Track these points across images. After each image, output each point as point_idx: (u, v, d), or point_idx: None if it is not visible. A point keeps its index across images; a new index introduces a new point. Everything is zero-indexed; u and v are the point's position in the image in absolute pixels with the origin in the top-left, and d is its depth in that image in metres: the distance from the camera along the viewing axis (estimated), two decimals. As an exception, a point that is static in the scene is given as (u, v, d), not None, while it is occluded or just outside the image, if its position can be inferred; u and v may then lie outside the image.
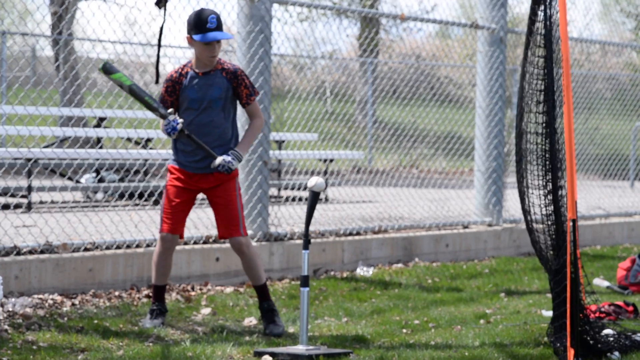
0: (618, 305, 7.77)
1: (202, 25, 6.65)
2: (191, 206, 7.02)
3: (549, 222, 6.34)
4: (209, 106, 6.79)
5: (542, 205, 6.38)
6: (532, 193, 6.59)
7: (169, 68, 22.02)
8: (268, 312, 6.95)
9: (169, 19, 11.89)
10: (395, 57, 25.72)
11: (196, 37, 6.66)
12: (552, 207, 6.29)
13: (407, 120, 19.75)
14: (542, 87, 6.36)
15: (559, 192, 6.31)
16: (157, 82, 7.00)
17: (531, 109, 6.50)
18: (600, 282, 9.42)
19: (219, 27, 6.68)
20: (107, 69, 6.63)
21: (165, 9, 7.06)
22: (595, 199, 14.91)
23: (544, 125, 6.35)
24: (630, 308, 7.76)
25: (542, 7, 6.44)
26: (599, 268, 10.56)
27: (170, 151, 7.05)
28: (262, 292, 7.00)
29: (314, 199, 6.39)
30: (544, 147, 6.35)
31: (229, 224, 6.90)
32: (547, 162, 6.32)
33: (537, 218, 6.54)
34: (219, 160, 6.69)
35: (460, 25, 12.02)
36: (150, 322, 6.92)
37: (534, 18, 6.56)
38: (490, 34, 11.51)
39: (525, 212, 6.79)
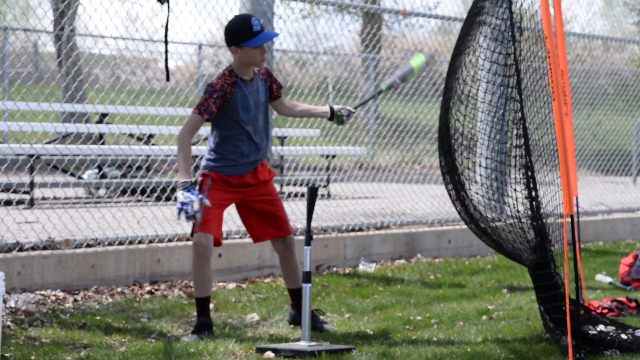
0: (620, 301, 7.77)
1: (248, 30, 6.55)
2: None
3: (527, 219, 6.34)
4: (259, 112, 6.73)
5: (522, 202, 6.40)
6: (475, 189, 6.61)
7: (170, 64, 22.02)
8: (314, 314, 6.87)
9: (170, 14, 11.87)
10: (398, 53, 25.70)
11: (247, 43, 6.55)
12: (531, 203, 6.30)
13: (410, 116, 19.73)
14: (513, 83, 6.38)
15: (537, 187, 6.31)
16: (168, 79, 6.95)
17: (466, 98, 6.56)
18: (602, 278, 9.42)
19: (263, 27, 6.67)
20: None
21: (168, 5, 7.05)
22: (597, 194, 14.90)
23: (517, 122, 6.38)
24: (633, 304, 7.75)
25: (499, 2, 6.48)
26: (601, 264, 10.55)
27: (173, 147, 7.02)
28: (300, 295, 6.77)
29: (313, 195, 6.38)
30: (517, 143, 6.37)
31: (281, 221, 6.86)
32: (524, 159, 6.33)
33: (514, 214, 6.53)
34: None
35: (463, 21, 11.99)
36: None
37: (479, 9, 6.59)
38: (492, 30, 11.48)
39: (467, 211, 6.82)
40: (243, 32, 6.54)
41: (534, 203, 6.25)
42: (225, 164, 6.68)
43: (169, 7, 6.98)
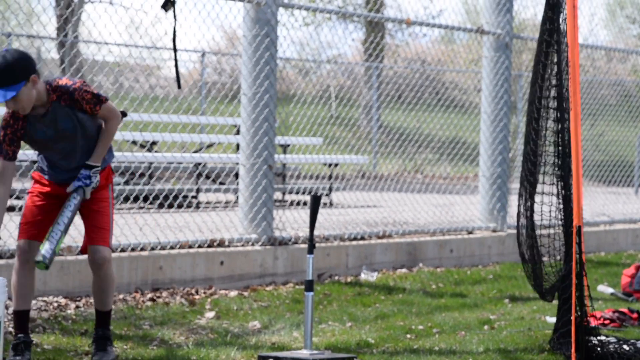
0: (622, 312, 7.77)
1: None
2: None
3: (561, 229, 6.35)
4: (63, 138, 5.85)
5: (555, 211, 6.39)
6: (535, 200, 6.59)
7: (174, 71, 22.06)
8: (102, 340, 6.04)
9: (174, 21, 11.88)
10: (401, 62, 25.73)
11: None
12: (564, 214, 6.30)
13: (412, 125, 19.75)
14: (555, 93, 6.38)
15: (570, 199, 6.32)
16: (179, 86, 6.86)
17: (543, 115, 6.52)
18: (604, 289, 9.42)
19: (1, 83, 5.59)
20: None
21: (174, 12, 7.06)
22: (599, 205, 14.90)
23: (557, 131, 6.37)
24: (635, 315, 7.75)
25: (550, 13, 6.46)
26: (603, 275, 10.55)
27: (175, 154, 6.96)
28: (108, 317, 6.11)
29: (316, 203, 6.39)
30: (556, 153, 6.36)
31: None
32: (559, 169, 6.33)
33: (545, 224, 6.54)
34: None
35: (466, 30, 12.02)
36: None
37: (549, 24, 6.57)
38: (496, 40, 11.51)
39: (524, 218, 6.80)
40: None
41: (566, 213, 6.26)
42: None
43: (175, 15, 6.99)
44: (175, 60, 6.87)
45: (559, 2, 6.45)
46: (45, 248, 5.64)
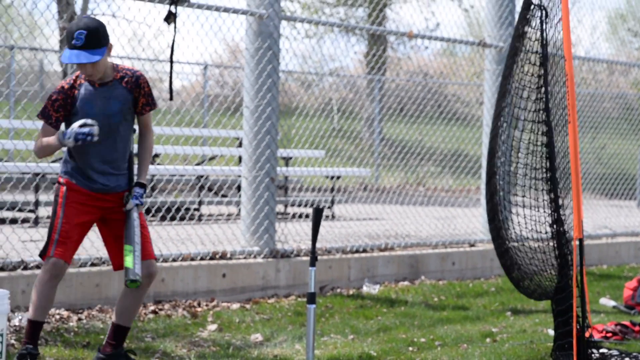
0: (624, 325, 7.76)
1: (69, 40, 5.72)
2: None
3: (553, 242, 6.35)
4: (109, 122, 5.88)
5: (546, 224, 6.39)
6: (517, 213, 6.59)
7: (176, 84, 22.07)
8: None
9: (178, 34, 11.92)
10: (403, 75, 25.76)
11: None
12: (555, 226, 6.30)
13: (414, 137, 19.76)
14: (542, 106, 6.38)
15: (562, 211, 6.32)
16: (171, 98, 6.92)
17: (514, 125, 6.54)
18: (606, 302, 9.41)
19: (87, 44, 5.68)
20: None
21: (175, 25, 7.09)
22: (601, 218, 14.90)
23: (543, 144, 6.37)
24: (637, 328, 7.75)
25: (534, 24, 6.48)
26: (605, 287, 10.54)
27: (178, 167, 6.96)
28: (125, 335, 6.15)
29: (318, 216, 6.39)
30: (544, 166, 6.37)
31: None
32: (549, 182, 6.33)
33: (537, 237, 6.54)
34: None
35: (468, 43, 12.04)
36: None
37: (522, 34, 6.59)
38: (498, 52, 11.53)
39: (498, 231, 6.81)
40: (67, 38, 5.74)
41: (557, 225, 6.26)
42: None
43: (175, 27, 7.01)
44: (171, 71, 6.91)
45: (546, 12, 6.46)
46: (137, 268, 5.77)
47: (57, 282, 5.83)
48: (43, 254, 5.85)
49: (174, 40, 6.95)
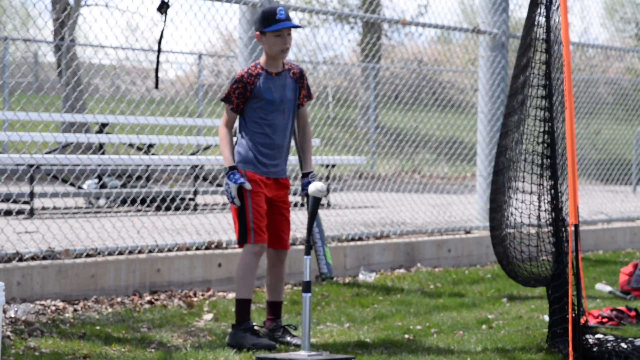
0: (620, 310, 7.77)
1: (272, 16, 6.52)
2: None
3: (549, 228, 6.34)
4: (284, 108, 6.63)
5: (545, 211, 6.38)
6: (518, 199, 6.58)
7: (170, 74, 22.05)
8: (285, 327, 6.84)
9: (170, 24, 11.90)
10: (397, 62, 25.74)
11: (268, 29, 6.49)
12: (554, 213, 6.29)
13: (409, 125, 19.75)
14: (544, 93, 6.36)
15: (560, 198, 6.31)
16: (157, 86, 6.98)
17: (529, 114, 6.51)
18: (602, 287, 9.42)
19: (288, 17, 6.57)
20: None
21: (166, 15, 7.07)
22: (597, 203, 14.91)
23: (546, 131, 6.35)
24: (633, 313, 7.75)
25: (539, 12, 6.45)
26: (601, 273, 10.55)
27: (172, 157, 7.04)
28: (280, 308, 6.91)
29: (315, 204, 6.40)
30: (545, 152, 6.35)
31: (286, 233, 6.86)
32: (549, 168, 6.32)
33: (534, 223, 6.52)
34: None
35: (462, 30, 12.03)
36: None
37: (533, 22, 6.57)
38: (492, 39, 11.52)
39: (494, 219, 6.80)
40: (266, 18, 6.54)
41: (556, 212, 6.25)
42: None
43: (166, 17, 7.00)
44: (157, 59, 6.93)
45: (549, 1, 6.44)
46: (329, 264, 6.83)
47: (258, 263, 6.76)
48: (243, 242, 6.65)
49: (163, 29, 6.97)
